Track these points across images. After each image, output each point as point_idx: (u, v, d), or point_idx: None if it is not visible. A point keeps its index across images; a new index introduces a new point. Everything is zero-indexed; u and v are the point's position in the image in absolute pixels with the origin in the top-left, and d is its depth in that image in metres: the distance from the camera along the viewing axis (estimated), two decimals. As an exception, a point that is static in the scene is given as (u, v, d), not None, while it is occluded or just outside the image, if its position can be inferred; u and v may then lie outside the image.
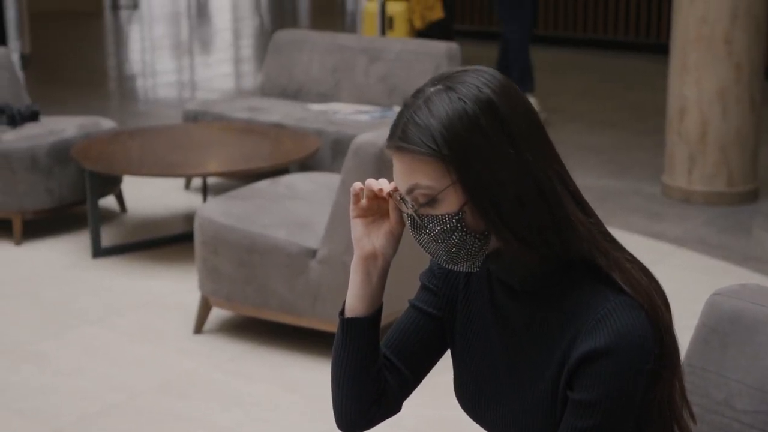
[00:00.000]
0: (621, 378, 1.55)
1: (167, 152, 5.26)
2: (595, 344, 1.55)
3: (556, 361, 1.61)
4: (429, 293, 1.82)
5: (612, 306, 1.56)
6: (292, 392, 3.80)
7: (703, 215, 5.79)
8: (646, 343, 1.55)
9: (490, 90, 1.57)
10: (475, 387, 1.74)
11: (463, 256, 1.60)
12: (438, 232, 1.58)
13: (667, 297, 1.64)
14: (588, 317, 1.57)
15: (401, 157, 1.58)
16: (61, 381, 3.88)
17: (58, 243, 5.35)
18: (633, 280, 1.59)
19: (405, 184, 1.59)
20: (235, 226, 4.09)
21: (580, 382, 1.57)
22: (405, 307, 4.09)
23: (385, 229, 1.71)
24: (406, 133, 1.57)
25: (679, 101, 5.97)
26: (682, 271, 4.94)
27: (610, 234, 1.66)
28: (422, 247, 1.63)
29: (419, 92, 1.60)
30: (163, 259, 5.10)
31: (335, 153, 5.65)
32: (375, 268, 1.74)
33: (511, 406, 1.68)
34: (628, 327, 1.55)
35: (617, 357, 1.54)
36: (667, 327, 1.60)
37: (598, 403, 1.56)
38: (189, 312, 4.40)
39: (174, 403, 3.72)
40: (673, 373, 1.63)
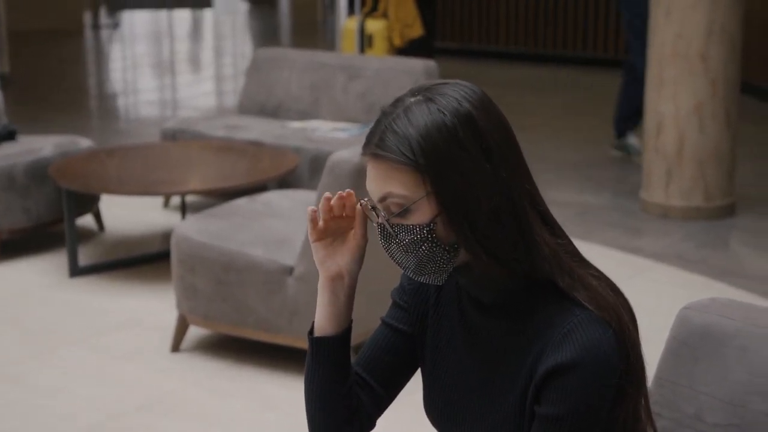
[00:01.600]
0: (587, 392, 1.55)
1: (145, 171, 5.25)
2: (561, 359, 1.56)
3: (524, 376, 1.62)
4: (400, 310, 1.82)
5: (578, 320, 1.57)
6: (270, 410, 3.79)
7: (681, 230, 5.81)
8: (611, 357, 1.56)
9: (470, 104, 1.58)
10: (445, 402, 1.74)
11: (431, 268, 1.61)
12: (408, 242, 1.59)
13: (634, 314, 1.65)
14: (554, 332, 1.58)
15: (377, 165, 1.59)
16: (40, 402, 3.86)
17: (35, 262, 5.33)
18: (599, 297, 1.59)
19: (378, 191, 1.59)
20: (211, 244, 4.08)
21: (547, 396, 1.58)
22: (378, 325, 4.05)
23: (349, 246, 1.71)
24: (383, 141, 1.57)
25: (656, 117, 6.00)
26: (660, 285, 4.95)
27: (579, 253, 1.67)
28: (390, 256, 1.63)
29: (398, 101, 1.61)
30: (141, 278, 5.08)
31: (313, 170, 5.65)
32: (342, 287, 1.76)
33: (479, 421, 1.68)
34: (593, 341, 1.55)
35: (583, 371, 1.55)
36: (634, 344, 1.61)
37: (564, 417, 1.56)
38: (166, 331, 4.38)
39: (153, 422, 3.70)
40: (639, 390, 1.63)
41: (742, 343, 2.08)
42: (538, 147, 7.80)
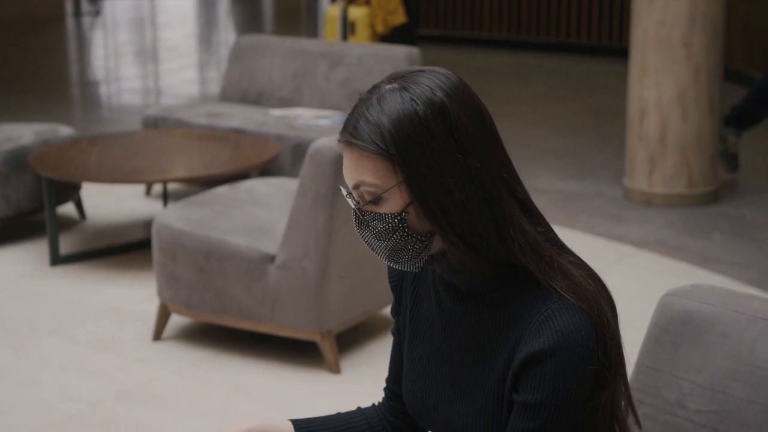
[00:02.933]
0: (564, 379, 1.55)
1: (126, 159, 5.22)
2: (539, 346, 1.55)
3: (501, 364, 1.61)
4: (397, 316, 1.84)
5: (555, 308, 1.56)
6: (252, 398, 3.78)
7: (664, 217, 5.82)
8: (589, 344, 1.55)
9: (443, 93, 1.57)
10: (423, 391, 1.73)
11: (405, 256, 1.61)
12: (380, 230, 1.59)
13: (613, 301, 1.64)
14: (531, 320, 1.57)
15: (350, 152, 1.59)
16: (19, 392, 3.84)
17: (15, 251, 5.30)
18: (578, 286, 1.58)
19: (352, 179, 1.60)
20: (192, 232, 4.06)
21: (525, 383, 1.57)
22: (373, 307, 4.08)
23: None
24: (356, 129, 1.57)
25: (639, 104, 6.00)
26: (642, 272, 4.95)
27: (559, 241, 1.66)
28: (364, 242, 1.64)
29: (375, 88, 1.61)
30: (122, 267, 5.06)
31: (296, 158, 5.63)
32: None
33: (458, 410, 1.68)
34: (570, 328, 1.55)
35: (560, 358, 1.54)
36: (613, 333, 1.61)
37: (542, 404, 1.56)
38: (148, 319, 4.36)
39: (133, 412, 3.69)
40: (618, 377, 1.63)
41: (723, 330, 2.08)
42: (521, 134, 7.79)
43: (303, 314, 3.89)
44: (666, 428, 2.13)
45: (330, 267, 3.85)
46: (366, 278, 4.01)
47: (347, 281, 3.94)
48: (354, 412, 1.87)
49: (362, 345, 4.16)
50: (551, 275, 1.58)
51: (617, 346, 1.61)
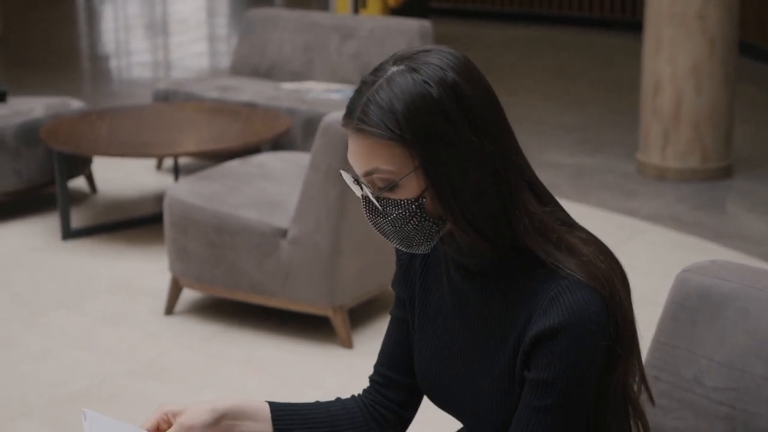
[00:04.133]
0: (576, 355, 1.53)
1: (137, 132, 5.20)
2: (549, 323, 1.53)
3: (513, 342, 1.59)
4: (400, 300, 1.80)
5: (565, 285, 1.54)
6: (263, 373, 3.77)
7: (677, 192, 5.79)
8: (600, 319, 1.53)
9: (455, 72, 1.53)
10: (436, 372, 1.71)
11: (418, 240, 1.58)
12: (396, 216, 1.55)
13: (627, 278, 1.61)
14: (541, 297, 1.55)
15: (360, 140, 1.53)
16: (31, 366, 3.84)
17: (27, 225, 5.29)
18: (588, 264, 1.55)
19: (363, 167, 1.54)
20: (204, 207, 4.05)
21: (536, 361, 1.55)
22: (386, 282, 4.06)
23: (192, 423, 1.70)
24: (366, 114, 1.52)
25: (653, 78, 5.96)
26: (655, 248, 4.93)
27: (570, 219, 1.63)
28: (376, 228, 1.59)
29: (379, 70, 1.55)
30: (133, 241, 5.05)
31: (307, 132, 5.61)
32: (226, 428, 1.73)
33: (471, 389, 1.66)
34: (581, 304, 1.52)
35: (571, 334, 1.52)
36: (625, 310, 1.58)
37: (554, 381, 1.54)
38: (159, 293, 4.36)
39: (145, 386, 3.68)
40: (631, 354, 1.61)
41: (742, 306, 2.06)
42: (533, 109, 7.75)
43: (315, 289, 3.88)
44: (683, 405, 2.11)
45: (342, 241, 3.83)
46: (378, 253, 4.00)
47: (360, 256, 3.92)
48: (333, 402, 1.83)
49: (374, 320, 4.15)
50: (559, 257, 1.55)
51: (630, 323, 1.59)
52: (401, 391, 1.79)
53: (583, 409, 1.56)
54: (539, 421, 1.55)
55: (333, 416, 1.78)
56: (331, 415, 1.79)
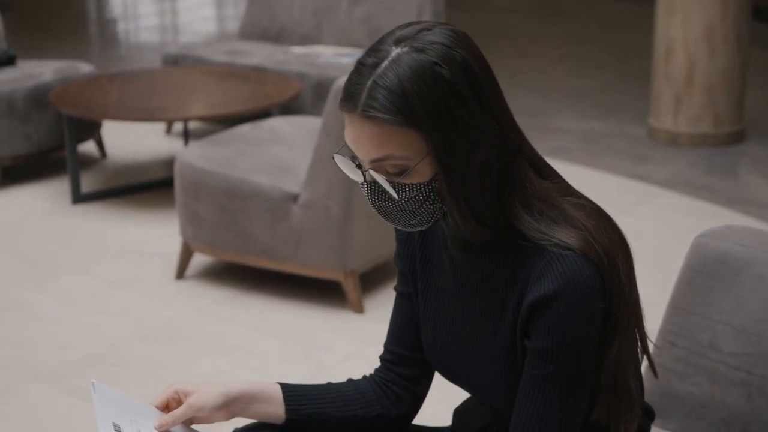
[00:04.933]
0: (573, 321, 1.51)
1: (147, 96, 5.18)
2: (543, 290, 1.51)
3: (511, 313, 1.58)
4: (402, 275, 1.78)
5: (558, 252, 1.51)
6: (274, 338, 3.77)
7: (689, 157, 5.76)
8: (594, 283, 1.51)
9: (462, 50, 1.48)
10: (442, 345, 1.70)
11: (421, 220, 1.55)
12: (408, 200, 1.51)
13: (629, 247, 1.59)
14: (535, 266, 1.53)
15: (369, 126, 1.46)
16: (42, 330, 3.84)
17: (37, 189, 5.29)
18: (586, 237, 1.52)
19: (373, 153, 1.48)
20: (215, 171, 4.03)
21: (534, 329, 1.54)
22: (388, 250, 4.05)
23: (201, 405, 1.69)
24: (375, 99, 1.45)
25: (666, 42, 5.91)
26: (668, 213, 4.90)
27: (572, 190, 1.61)
28: (380, 211, 1.55)
29: (378, 51, 1.48)
30: (143, 205, 5.04)
31: (317, 96, 5.58)
32: (237, 411, 1.73)
33: (475, 361, 1.65)
34: (573, 270, 1.50)
35: (566, 300, 1.50)
36: (624, 283, 1.55)
37: (554, 348, 1.52)
38: (170, 258, 4.35)
39: (156, 351, 3.68)
40: (633, 325, 1.58)
41: (759, 271, 2.05)
42: (543, 73, 7.71)
43: (326, 254, 3.87)
44: (699, 371, 2.10)
45: (353, 206, 3.82)
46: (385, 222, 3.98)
47: (371, 221, 3.91)
48: (344, 383, 1.82)
49: (386, 284, 4.14)
50: (555, 230, 1.52)
51: (631, 291, 1.57)
52: (412, 367, 1.78)
53: (585, 376, 1.55)
54: (543, 390, 1.54)
55: (345, 396, 1.78)
56: (343, 395, 1.78)
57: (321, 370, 3.51)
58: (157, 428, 1.65)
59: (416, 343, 1.76)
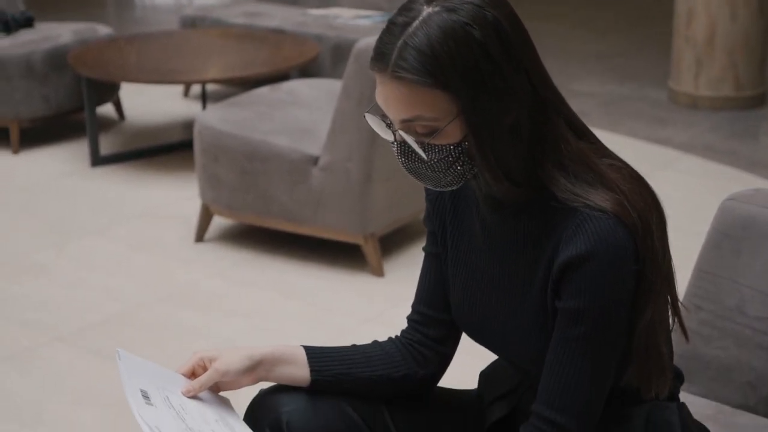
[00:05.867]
0: (605, 281, 1.50)
1: (165, 59, 5.16)
2: (576, 251, 1.50)
3: (542, 273, 1.56)
4: (432, 235, 1.77)
5: (588, 213, 1.50)
6: (294, 300, 3.78)
7: (710, 121, 5.72)
8: (626, 243, 1.49)
9: (493, 9, 1.46)
10: (470, 306, 1.69)
11: (451, 181, 1.54)
12: (438, 161, 1.50)
13: (664, 215, 1.57)
14: (567, 226, 1.52)
15: (399, 86, 1.45)
16: (62, 292, 3.85)
17: (56, 151, 5.29)
18: (621, 199, 1.50)
19: (402, 114, 1.48)
20: (235, 133, 4.02)
21: (565, 290, 1.53)
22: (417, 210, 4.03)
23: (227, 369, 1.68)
24: (405, 60, 1.44)
25: (687, 4, 5.86)
26: (689, 177, 4.88)
27: (607, 150, 1.59)
28: (410, 172, 1.55)
29: (409, 11, 1.46)
30: (162, 168, 5.04)
31: (336, 59, 5.55)
32: (262, 375, 1.73)
33: (504, 322, 1.64)
34: (605, 230, 1.49)
35: (598, 261, 1.49)
36: (657, 248, 1.53)
37: (585, 308, 1.51)
38: (190, 221, 4.35)
39: (175, 313, 3.69)
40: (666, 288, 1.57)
41: (788, 235, 2.03)
42: (562, 37, 7.65)
43: (346, 217, 3.86)
44: (724, 334, 2.09)
45: (374, 169, 3.80)
46: (410, 181, 3.94)
47: (391, 183, 3.90)
48: (369, 344, 1.81)
49: (406, 248, 4.14)
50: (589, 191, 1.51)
51: (664, 255, 1.55)
52: (440, 328, 1.77)
53: (616, 338, 1.54)
54: (573, 351, 1.53)
55: (370, 357, 1.77)
56: (369, 356, 1.77)
57: (341, 333, 3.52)
58: (184, 394, 1.65)
59: (444, 304, 1.75)
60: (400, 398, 1.78)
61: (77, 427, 3.01)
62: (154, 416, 1.55)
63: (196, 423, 1.60)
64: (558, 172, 1.52)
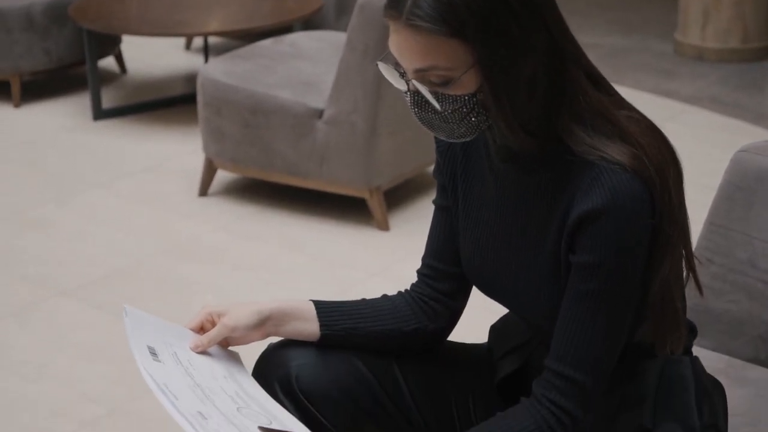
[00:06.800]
0: (621, 235, 1.47)
1: (167, 11, 5.11)
2: (591, 204, 1.47)
3: (556, 226, 1.54)
4: (442, 188, 1.74)
5: (604, 167, 1.47)
6: (298, 253, 3.76)
7: (717, 73, 5.67)
8: (643, 197, 1.47)
9: None
10: (481, 259, 1.67)
11: (465, 132, 1.51)
12: (451, 111, 1.48)
13: (681, 170, 1.55)
14: (583, 180, 1.49)
15: (413, 35, 1.43)
16: (65, 246, 3.84)
17: (57, 105, 5.25)
18: (638, 153, 1.48)
19: (417, 63, 1.45)
20: (238, 86, 3.98)
21: (580, 243, 1.50)
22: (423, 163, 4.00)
23: (235, 325, 1.67)
24: (420, 7, 1.41)
25: (694, -46, 5.80)
26: (695, 129, 4.84)
27: (625, 102, 1.56)
28: (422, 122, 1.52)
29: None
30: (165, 121, 5.01)
31: (339, 11, 5.49)
32: (271, 330, 1.71)
33: (516, 275, 1.62)
34: (622, 184, 1.46)
35: (615, 214, 1.47)
36: (674, 204, 1.51)
37: (601, 263, 1.49)
38: (193, 175, 4.33)
39: (180, 267, 3.68)
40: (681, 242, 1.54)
41: (801, 187, 2.00)
42: (568, -13, 7.57)
43: (351, 170, 3.83)
44: (735, 288, 2.07)
45: (379, 122, 3.77)
46: (416, 134, 3.94)
47: (397, 137, 3.87)
48: (378, 298, 1.79)
49: (411, 201, 4.11)
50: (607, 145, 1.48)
51: (681, 210, 1.53)
52: (450, 281, 1.75)
53: (631, 293, 1.51)
54: (587, 305, 1.51)
55: (380, 311, 1.75)
56: (378, 310, 1.75)
57: (346, 287, 3.50)
58: (193, 349, 1.64)
59: (454, 258, 1.73)
60: (409, 352, 1.76)
61: (82, 383, 3.01)
62: (161, 373, 1.53)
63: (204, 379, 1.59)
64: (575, 124, 1.49)
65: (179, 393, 1.50)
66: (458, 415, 1.78)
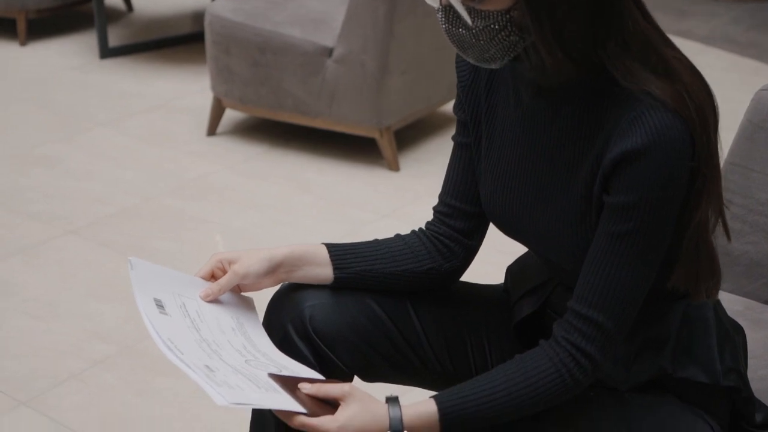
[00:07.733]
0: (659, 177, 1.43)
1: (174, -53, 5.03)
2: (631, 144, 1.42)
3: (589, 164, 1.49)
4: (462, 124, 1.69)
5: (647, 105, 1.42)
6: (307, 193, 3.73)
7: (731, 12, 5.59)
8: (684, 138, 1.43)
9: None
10: (504, 197, 1.62)
11: (496, 54, 1.46)
12: (482, 28, 1.43)
13: (718, 112, 1.50)
14: (622, 117, 1.44)
15: None
16: (73, 184, 3.81)
17: (64, 43, 5.19)
18: (681, 91, 1.43)
19: None
20: (246, 24, 3.93)
21: (617, 184, 1.45)
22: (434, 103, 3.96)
23: (246, 272, 1.64)
24: None
25: None
26: (711, 70, 4.76)
27: (667, 38, 1.51)
28: (453, 40, 1.47)
29: None
30: (172, 60, 4.95)
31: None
32: (283, 276, 1.69)
33: (541, 214, 1.57)
34: (665, 125, 1.42)
35: (655, 156, 1.42)
36: (713, 142, 1.47)
37: (636, 204, 1.44)
38: (201, 114, 4.28)
39: (188, 206, 3.65)
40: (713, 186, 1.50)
41: (825, 127, 1.96)
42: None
43: (361, 110, 3.79)
44: (755, 229, 2.04)
45: (390, 61, 3.72)
46: (427, 73, 3.89)
47: (408, 76, 3.82)
48: (392, 238, 1.76)
49: (422, 141, 4.08)
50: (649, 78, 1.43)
51: (715, 152, 1.49)
52: (467, 220, 1.71)
53: (664, 237, 1.47)
54: (618, 247, 1.47)
55: (393, 252, 1.72)
56: (392, 250, 1.72)
57: (356, 227, 3.47)
58: (203, 298, 1.61)
59: (473, 196, 1.69)
60: (424, 292, 1.74)
61: (93, 321, 2.99)
62: (167, 328, 1.50)
63: (211, 333, 1.55)
64: (621, 51, 1.44)
65: (185, 348, 1.47)
66: (473, 355, 1.75)
